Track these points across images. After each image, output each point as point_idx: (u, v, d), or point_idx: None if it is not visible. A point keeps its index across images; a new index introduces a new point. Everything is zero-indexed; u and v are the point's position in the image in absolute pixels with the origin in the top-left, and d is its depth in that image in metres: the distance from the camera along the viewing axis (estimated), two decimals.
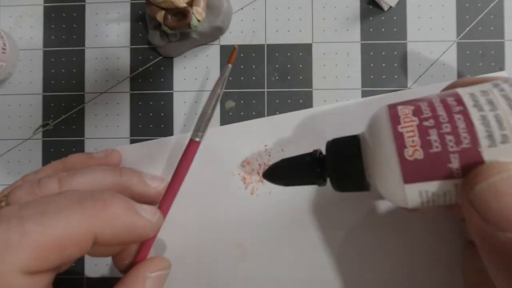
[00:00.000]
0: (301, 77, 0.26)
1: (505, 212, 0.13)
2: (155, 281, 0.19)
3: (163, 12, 0.23)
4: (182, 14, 0.23)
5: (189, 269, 0.26)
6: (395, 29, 0.26)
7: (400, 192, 0.16)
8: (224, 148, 0.26)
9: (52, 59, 0.28)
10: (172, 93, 0.27)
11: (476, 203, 0.14)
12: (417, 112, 0.16)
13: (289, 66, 0.26)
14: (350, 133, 0.20)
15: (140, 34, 0.27)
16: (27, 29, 0.28)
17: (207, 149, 0.26)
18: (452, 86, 0.19)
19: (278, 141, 0.26)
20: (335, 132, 0.25)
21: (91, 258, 0.27)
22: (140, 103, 0.27)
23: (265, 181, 0.22)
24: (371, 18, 0.26)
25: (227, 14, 0.26)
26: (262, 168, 0.26)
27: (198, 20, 0.24)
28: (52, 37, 0.28)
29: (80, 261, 0.27)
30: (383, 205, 0.25)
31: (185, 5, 0.23)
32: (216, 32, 0.26)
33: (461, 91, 0.16)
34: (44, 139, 0.27)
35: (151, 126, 0.27)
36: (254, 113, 0.26)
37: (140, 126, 0.27)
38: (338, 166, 0.19)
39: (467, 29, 0.26)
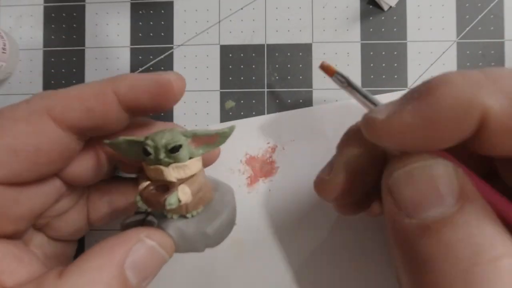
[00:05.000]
0: (301, 77, 0.26)
1: (415, 199, 0.13)
2: (146, 250, 0.16)
3: (148, 182, 0.18)
4: (165, 187, 0.17)
5: (188, 266, 0.26)
6: (395, 29, 0.26)
7: None
8: (224, 145, 0.26)
9: (52, 59, 0.28)
10: None
11: (392, 189, 0.14)
12: None
13: (289, 66, 0.26)
14: None
15: (140, 34, 0.27)
16: (27, 29, 0.28)
17: None
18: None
19: (279, 139, 0.26)
20: (336, 132, 0.26)
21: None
22: None
23: (265, 178, 0.22)
24: (371, 18, 0.26)
25: (221, 227, 0.19)
26: (263, 166, 0.26)
27: (179, 201, 0.17)
28: (52, 37, 0.28)
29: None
30: None
31: (174, 180, 0.17)
32: (199, 240, 0.19)
33: None
34: None
35: None
36: (254, 113, 0.26)
37: None
38: None
39: (467, 29, 0.26)
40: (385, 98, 0.26)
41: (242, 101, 0.27)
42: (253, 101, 0.26)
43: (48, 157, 0.17)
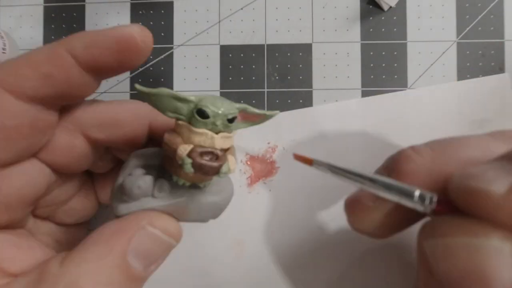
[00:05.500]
0: (301, 77, 0.26)
1: (452, 277, 0.12)
2: (148, 238, 0.16)
3: (191, 146, 0.16)
4: (213, 154, 0.16)
5: (188, 266, 0.26)
6: (395, 29, 0.26)
7: None
8: None
9: None
10: None
11: (426, 255, 0.13)
12: None
13: (289, 66, 0.26)
14: (350, 132, 0.20)
15: None
16: (27, 29, 0.28)
17: None
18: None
19: (279, 139, 0.26)
20: (336, 132, 0.26)
21: None
22: None
23: (265, 179, 0.22)
24: (371, 18, 0.26)
25: (228, 199, 0.19)
26: (263, 166, 0.26)
27: (229, 170, 0.17)
28: (52, 37, 0.28)
29: None
30: None
31: (220, 148, 0.16)
32: (209, 210, 0.19)
33: None
34: None
35: None
36: None
37: None
38: None
39: (467, 29, 0.26)
40: (385, 98, 0.26)
41: (242, 101, 0.26)
42: (253, 101, 0.26)
43: (19, 132, 0.16)
